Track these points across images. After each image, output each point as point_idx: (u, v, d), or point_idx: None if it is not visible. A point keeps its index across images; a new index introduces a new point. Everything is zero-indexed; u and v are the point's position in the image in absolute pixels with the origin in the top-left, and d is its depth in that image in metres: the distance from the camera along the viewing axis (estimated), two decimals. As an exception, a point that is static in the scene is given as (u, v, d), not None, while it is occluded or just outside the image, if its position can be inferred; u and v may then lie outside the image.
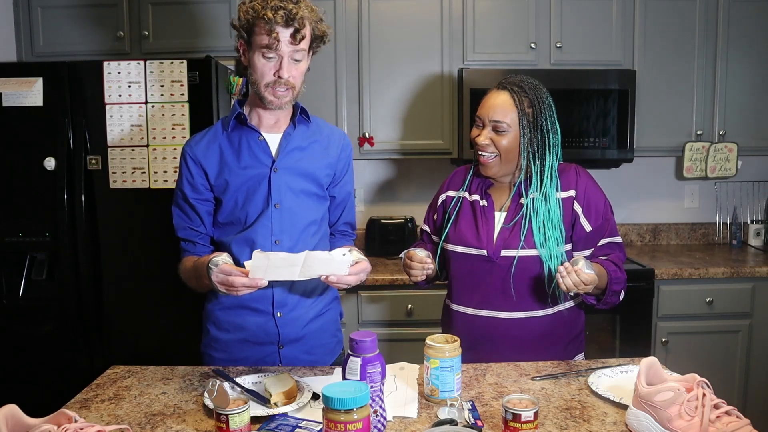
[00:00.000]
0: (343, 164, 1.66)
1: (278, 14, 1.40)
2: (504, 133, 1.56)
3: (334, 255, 1.37)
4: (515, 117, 1.55)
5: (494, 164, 1.59)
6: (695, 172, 2.99)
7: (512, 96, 1.56)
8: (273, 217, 1.54)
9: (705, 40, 2.86)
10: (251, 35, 1.46)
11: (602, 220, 1.60)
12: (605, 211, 1.61)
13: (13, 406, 1.02)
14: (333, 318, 1.70)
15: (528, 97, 1.56)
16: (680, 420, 1.06)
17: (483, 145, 1.58)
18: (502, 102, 1.57)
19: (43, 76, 2.37)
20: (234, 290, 1.33)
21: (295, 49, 1.46)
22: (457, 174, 1.75)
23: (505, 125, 1.55)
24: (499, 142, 1.56)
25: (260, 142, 1.55)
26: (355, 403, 0.96)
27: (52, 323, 2.42)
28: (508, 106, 1.56)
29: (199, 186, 1.57)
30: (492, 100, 1.59)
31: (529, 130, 1.56)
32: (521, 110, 1.55)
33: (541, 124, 1.56)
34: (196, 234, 1.60)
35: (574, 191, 1.59)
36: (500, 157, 1.57)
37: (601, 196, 1.63)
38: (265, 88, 1.48)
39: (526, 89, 1.57)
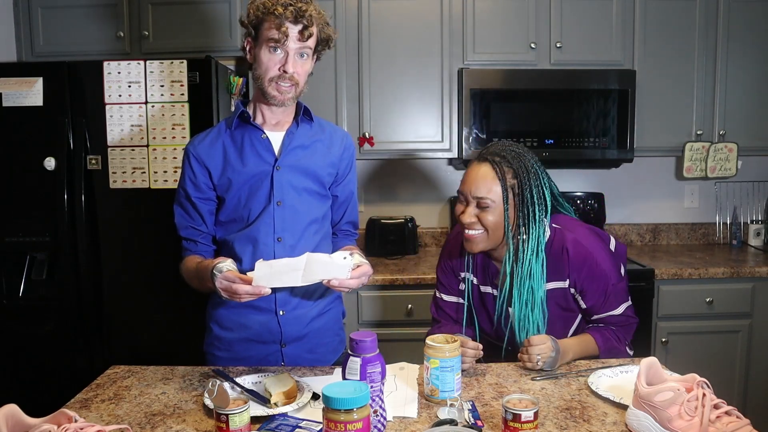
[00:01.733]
0: (345, 164, 1.67)
1: (288, 10, 1.43)
2: (488, 209, 1.50)
3: (334, 258, 1.36)
4: (498, 191, 1.50)
5: (480, 240, 1.53)
6: (695, 172, 2.99)
7: (494, 168, 1.50)
8: (275, 214, 1.55)
9: (705, 40, 2.86)
10: (259, 30, 1.48)
11: (603, 294, 1.56)
12: (605, 280, 1.54)
13: (13, 406, 1.02)
14: (335, 317, 1.71)
15: (512, 168, 1.50)
16: (680, 420, 1.06)
17: (469, 223, 1.52)
18: (483, 175, 1.51)
19: (43, 76, 2.37)
20: (237, 297, 1.34)
21: (302, 46, 1.48)
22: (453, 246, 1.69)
23: (489, 201, 1.50)
24: (485, 219, 1.51)
25: (263, 140, 1.56)
26: (355, 403, 0.96)
27: (52, 323, 2.42)
28: (490, 180, 1.50)
29: (202, 185, 1.58)
30: (473, 173, 1.53)
31: (514, 203, 1.51)
32: (503, 183, 1.49)
33: (526, 196, 1.49)
34: (197, 233, 1.61)
35: (566, 281, 1.55)
36: (487, 233, 1.52)
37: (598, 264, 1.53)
38: (269, 83, 1.49)
39: (509, 159, 1.51)
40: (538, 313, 1.53)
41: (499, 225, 1.52)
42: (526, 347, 1.46)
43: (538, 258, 1.51)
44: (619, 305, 1.60)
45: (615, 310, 1.60)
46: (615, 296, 1.58)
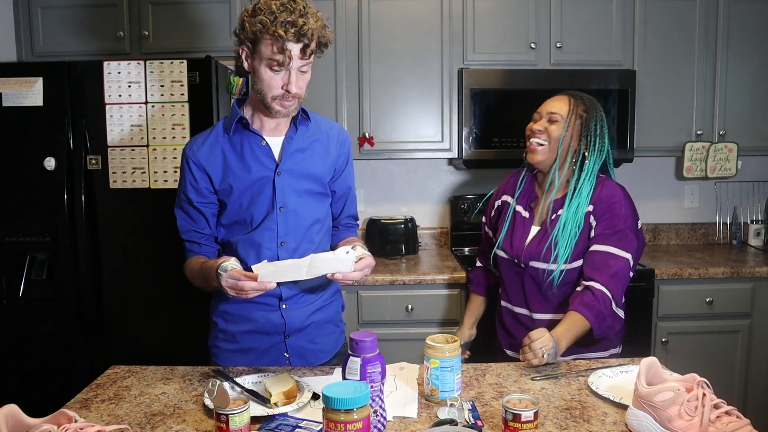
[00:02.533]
0: (343, 159, 1.68)
1: (289, 32, 1.38)
2: (557, 123, 1.69)
3: (338, 254, 1.38)
4: (568, 114, 1.69)
5: (542, 151, 1.70)
6: (695, 172, 2.99)
7: (570, 98, 1.72)
8: (278, 219, 1.56)
9: (705, 40, 2.86)
10: (257, 45, 1.43)
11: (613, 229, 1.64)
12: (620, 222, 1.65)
13: (13, 406, 1.02)
14: (336, 309, 1.75)
15: (584, 104, 1.71)
16: (680, 420, 1.06)
17: (537, 131, 1.71)
18: (560, 100, 1.73)
19: (43, 76, 2.37)
20: (244, 294, 1.36)
21: (303, 63, 1.46)
22: (512, 177, 1.88)
23: (558, 116, 1.69)
24: (552, 130, 1.69)
25: (263, 146, 1.56)
26: (355, 403, 0.96)
27: (52, 323, 2.42)
28: (564, 104, 1.71)
29: (204, 190, 1.58)
30: (551, 100, 1.75)
31: (579, 128, 1.69)
32: (575, 110, 1.70)
33: (590, 128, 1.68)
34: (200, 236, 1.62)
35: (593, 206, 1.67)
36: (549, 145, 1.69)
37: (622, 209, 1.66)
38: (273, 100, 1.48)
39: (584, 98, 1.73)
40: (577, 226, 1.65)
41: (561, 142, 1.69)
42: (527, 344, 1.46)
43: (590, 181, 1.68)
44: (621, 248, 1.63)
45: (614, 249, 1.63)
46: (623, 237, 1.64)
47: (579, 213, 1.66)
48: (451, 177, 3.22)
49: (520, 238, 1.74)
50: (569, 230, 1.65)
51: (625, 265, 1.63)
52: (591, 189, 1.68)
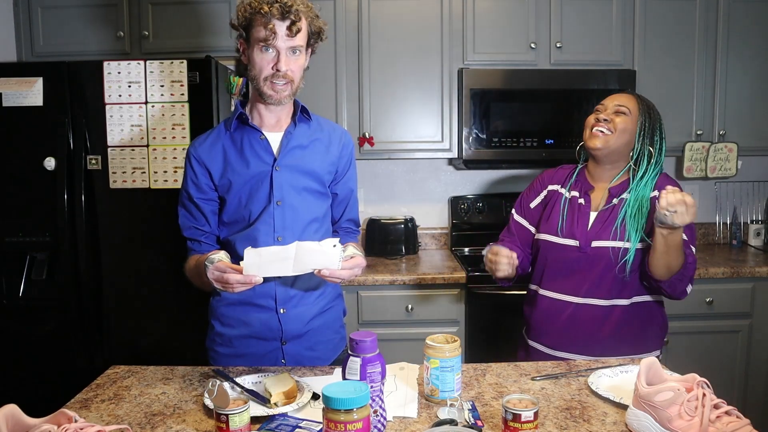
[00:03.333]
0: (344, 162, 1.68)
1: (274, 7, 1.43)
2: (624, 116, 1.69)
3: (323, 245, 1.36)
4: (637, 109, 1.70)
5: (604, 139, 1.69)
6: (695, 172, 2.99)
7: (636, 98, 1.73)
8: (275, 214, 1.56)
9: (705, 40, 2.86)
10: (249, 31, 1.49)
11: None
12: None
13: (13, 406, 1.02)
14: (336, 315, 1.72)
15: (647, 107, 1.72)
16: (680, 420, 1.06)
17: (603, 119, 1.69)
18: (627, 97, 1.73)
19: (43, 76, 2.37)
20: (230, 287, 1.35)
21: (292, 43, 1.48)
22: (560, 170, 1.87)
23: (626, 110, 1.69)
24: (617, 122, 1.68)
25: (262, 140, 1.57)
26: (355, 403, 0.96)
27: (52, 323, 2.42)
28: (632, 101, 1.71)
29: (204, 186, 1.59)
30: (617, 95, 1.75)
31: (648, 126, 1.69)
32: (642, 107, 1.71)
33: (656, 127, 1.70)
34: (201, 233, 1.62)
35: (657, 191, 1.64)
36: (612, 136, 1.68)
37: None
38: (264, 82, 1.50)
39: (645, 101, 1.73)
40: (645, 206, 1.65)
41: (626, 132, 1.68)
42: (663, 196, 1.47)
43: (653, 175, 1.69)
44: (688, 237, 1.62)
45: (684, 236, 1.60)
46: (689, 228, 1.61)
47: (644, 195, 1.66)
48: (451, 177, 3.23)
49: (582, 222, 1.72)
50: (635, 210, 1.64)
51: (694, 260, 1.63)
52: (654, 181, 1.69)
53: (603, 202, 1.72)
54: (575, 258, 1.70)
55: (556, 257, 1.74)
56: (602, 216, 1.70)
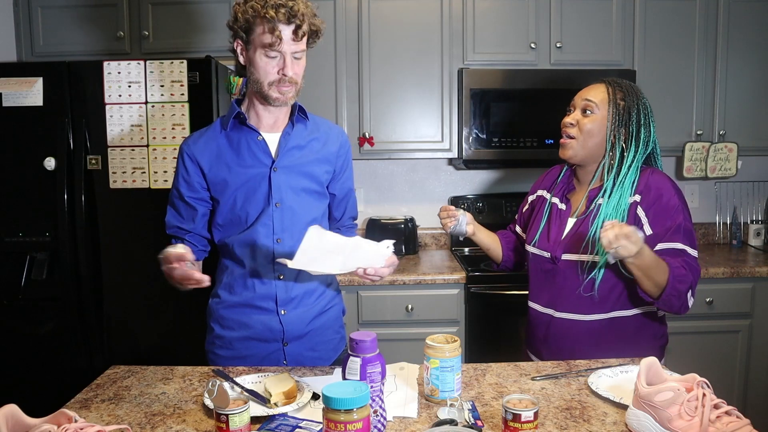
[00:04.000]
0: (342, 161, 1.67)
1: (280, 12, 1.40)
2: (591, 115, 1.59)
3: (380, 248, 1.37)
4: (605, 103, 1.58)
5: (571, 146, 1.61)
6: (695, 172, 2.99)
7: (607, 87, 1.60)
8: (274, 216, 1.55)
9: (705, 40, 2.86)
10: (250, 34, 1.45)
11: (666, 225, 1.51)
12: (674, 215, 1.51)
13: (13, 406, 1.02)
14: (336, 315, 1.72)
15: (622, 91, 1.59)
16: (680, 420, 1.06)
17: (567, 124, 1.62)
18: (595, 89, 1.61)
19: (43, 76, 2.37)
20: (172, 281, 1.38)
21: (297, 47, 1.46)
22: (551, 172, 1.80)
23: (594, 106, 1.58)
24: (584, 124, 1.59)
25: (259, 141, 1.56)
26: (355, 403, 0.96)
27: (52, 323, 2.42)
28: (600, 93, 1.60)
29: (195, 184, 1.58)
30: (586, 88, 1.64)
31: (618, 118, 1.57)
32: (612, 98, 1.58)
33: (632, 117, 1.57)
34: (184, 233, 1.61)
35: (639, 195, 1.55)
36: (579, 140, 1.59)
37: (672, 198, 1.53)
38: (269, 87, 1.48)
39: (622, 85, 1.60)
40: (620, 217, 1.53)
41: (595, 134, 1.58)
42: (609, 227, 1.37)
43: (631, 172, 1.56)
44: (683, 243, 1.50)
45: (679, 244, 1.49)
46: (682, 232, 1.51)
47: (621, 206, 1.53)
48: (451, 177, 3.22)
49: (557, 231, 1.64)
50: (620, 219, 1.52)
51: (693, 261, 1.50)
52: (634, 181, 1.55)
53: (582, 207, 1.63)
54: (549, 270, 1.64)
55: (535, 268, 1.70)
56: (577, 224, 1.61)
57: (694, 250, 1.52)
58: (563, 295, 1.61)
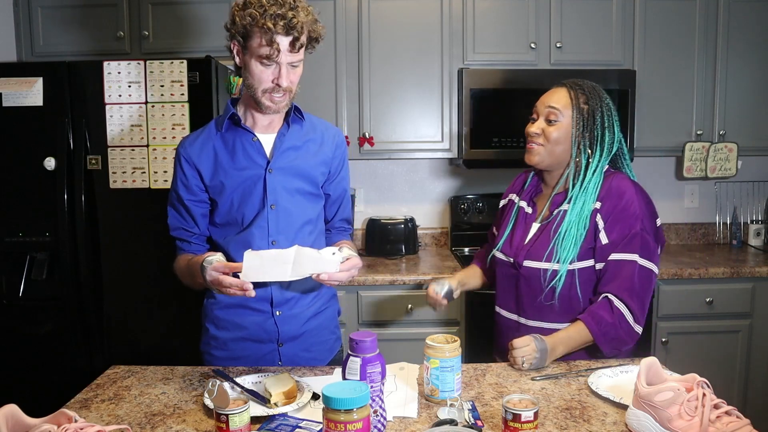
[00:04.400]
0: (337, 162, 1.66)
1: (278, 24, 1.38)
2: (555, 123, 1.57)
3: (323, 254, 1.36)
4: (569, 108, 1.56)
5: (538, 152, 1.59)
6: (695, 172, 2.99)
7: (569, 91, 1.58)
8: (269, 218, 1.54)
9: (705, 40, 2.86)
10: (247, 40, 1.43)
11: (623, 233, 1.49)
12: (632, 223, 1.49)
13: (13, 406, 1.02)
14: (331, 315, 1.71)
15: (585, 94, 1.57)
16: (680, 420, 1.06)
17: (533, 134, 1.59)
18: (558, 94, 1.59)
19: (43, 76, 2.37)
20: (225, 290, 1.34)
21: (293, 57, 1.45)
22: (520, 177, 1.79)
23: (558, 113, 1.56)
24: (549, 133, 1.57)
25: (254, 143, 1.55)
26: (355, 403, 0.96)
27: (52, 323, 2.42)
28: (563, 98, 1.57)
29: (194, 187, 1.57)
30: (549, 93, 1.62)
31: (582, 123, 1.55)
32: (576, 103, 1.56)
33: (596, 120, 1.55)
34: (189, 234, 1.61)
35: (600, 203, 1.53)
36: (546, 147, 1.58)
37: (632, 206, 1.51)
38: (263, 94, 1.47)
39: (584, 87, 1.59)
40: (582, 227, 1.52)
41: (561, 141, 1.57)
42: (510, 349, 1.45)
43: (595, 177, 1.55)
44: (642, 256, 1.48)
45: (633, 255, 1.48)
46: (642, 243, 1.48)
47: (584, 213, 1.52)
48: (451, 177, 3.23)
49: (521, 236, 1.62)
50: (573, 234, 1.51)
51: (648, 276, 1.49)
52: (598, 186, 1.54)
53: (546, 212, 1.61)
54: (513, 275, 1.62)
55: (500, 273, 1.68)
56: (540, 230, 1.59)
57: (648, 261, 1.49)
58: (530, 301, 1.58)
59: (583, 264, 1.53)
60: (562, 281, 1.51)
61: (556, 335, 1.49)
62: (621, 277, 1.48)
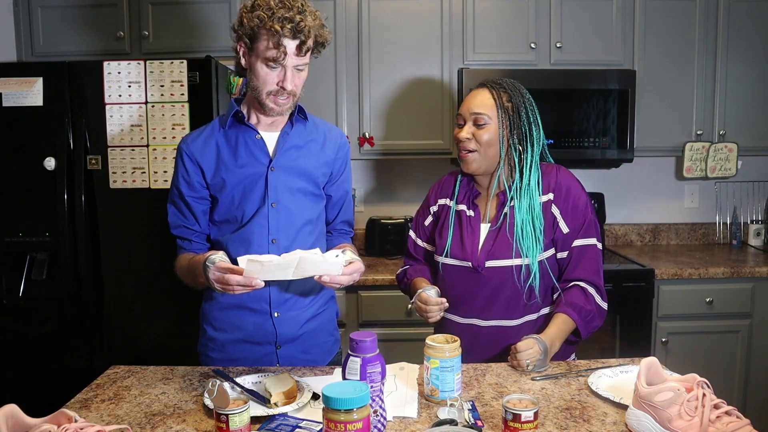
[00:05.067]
0: (340, 163, 1.66)
1: (286, 27, 1.39)
2: (484, 126, 1.58)
3: (327, 257, 1.36)
4: (494, 110, 1.58)
5: (474, 159, 1.60)
6: (695, 172, 2.99)
7: (491, 91, 1.60)
8: (269, 216, 1.54)
9: (705, 40, 2.86)
10: (254, 42, 1.44)
11: (580, 221, 1.57)
12: (584, 211, 1.58)
13: (13, 406, 1.02)
14: (330, 317, 1.70)
15: (507, 92, 1.59)
16: (680, 420, 1.06)
17: (464, 139, 1.60)
18: (481, 97, 1.60)
19: (43, 76, 2.37)
20: (230, 289, 1.34)
21: (299, 61, 1.45)
22: (446, 181, 1.77)
23: (485, 117, 1.57)
24: (480, 136, 1.58)
25: (257, 140, 1.55)
26: (355, 403, 0.96)
27: (52, 323, 2.42)
28: (487, 100, 1.59)
29: (195, 183, 1.57)
30: (471, 95, 1.62)
31: (509, 122, 1.57)
32: (500, 103, 1.58)
33: (522, 117, 1.57)
34: (191, 232, 1.60)
35: (552, 194, 1.58)
36: (480, 152, 1.59)
37: (581, 195, 1.59)
38: (267, 96, 1.47)
39: (504, 85, 1.60)
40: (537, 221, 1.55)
41: (493, 144, 1.58)
42: (514, 353, 1.45)
43: (534, 174, 1.58)
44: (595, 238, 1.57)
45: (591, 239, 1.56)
46: (589, 226, 1.57)
47: (535, 208, 1.55)
48: (451, 177, 3.22)
49: (471, 239, 1.60)
50: (530, 231, 1.53)
51: (601, 255, 1.59)
52: (538, 180, 1.58)
53: (493, 211, 1.61)
54: (470, 279, 1.58)
55: (451, 279, 1.63)
56: (495, 231, 1.58)
57: (600, 243, 1.59)
58: (491, 303, 1.56)
59: (547, 254, 1.57)
60: (538, 278, 1.54)
61: (549, 333, 1.49)
62: (586, 260, 1.56)
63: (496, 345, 1.58)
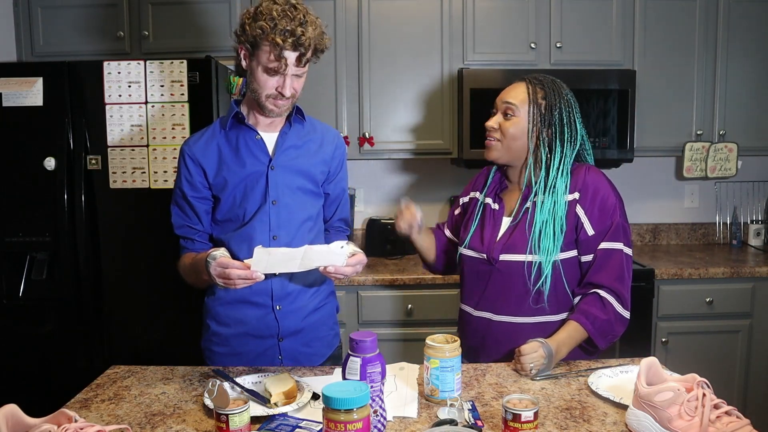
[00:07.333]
0: (337, 162, 1.69)
1: (287, 41, 1.42)
2: (512, 118, 1.57)
3: (332, 248, 1.41)
4: (526, 104, 1.56)
5: (496, 147, 1.59)
6: (695, 172, 2.99)
7: (527, 86, 1.58)
8: (270, 213, 1.57)
9: (705, 40, 2.86)
10: (255, 49, 1.47)
11: (606, 224, 1.52)
12: (612, 213, 1.52)
13: (13, 406, 1.02)
14: (330, 311, 1.74)
15: (544, 90, 1.57)
16: (680, 420, 1.06)
17: (490, 128, 1.60)
18: (516, 90, 1.59)
19: (43, 76, 2.37)
20: (231, 283, 1.37)
21: (299, 70, 1.49)
22: (481, 174, 1.77)
23: (514, 108, 1.56)
24: (506, 128, 1.57)
25: (258, 140, 1.59)
26: (355, 403, 0.96)
27: (52, 323, 2.42)
28: (521, 94, 1.58)
29: (198, 184, 1.60)
30: (508, 89, 1.62)
31: (540, 118, 1.55)
32: (533, 98, 1.56)
33: (554, 116, 1.55)
34: (194, 232, 1.63)
35: (578, 194, 1.53)
36: (503, 142, 1.58)
37: (610, 196, 1.53)
38: (266, 99, 1.51)
39: (543, 82, 1.59)
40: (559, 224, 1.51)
41: (518, 137, 1.56)
42: (517, 356, 1.44)
43: (562, 176, 1.54)
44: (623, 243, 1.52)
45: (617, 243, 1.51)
46: (621, 231, 1.52)
47: (558, 210, 1.51)
48: (452, 177, 3.22)
49: (491, 232, 1.60)
50: (549, 232, 1.50)
51: (629, 261, 1.53)
52: (567, 183, 1.53)
53: (516, 206, 1.59)
54: (485, 272, 1.59)
55: (469, 270, 1.65)
56: (513, 225, 1.57)
57: (629, 248, 1.54)
58: (503, 297, 1.56)
59: (565, 255, 1.53)
60: (549, 282, 1.51)
61: (557, 338, 1.47)
62: (610, 265, 1.51)
63: (509, 341, 1.54)
